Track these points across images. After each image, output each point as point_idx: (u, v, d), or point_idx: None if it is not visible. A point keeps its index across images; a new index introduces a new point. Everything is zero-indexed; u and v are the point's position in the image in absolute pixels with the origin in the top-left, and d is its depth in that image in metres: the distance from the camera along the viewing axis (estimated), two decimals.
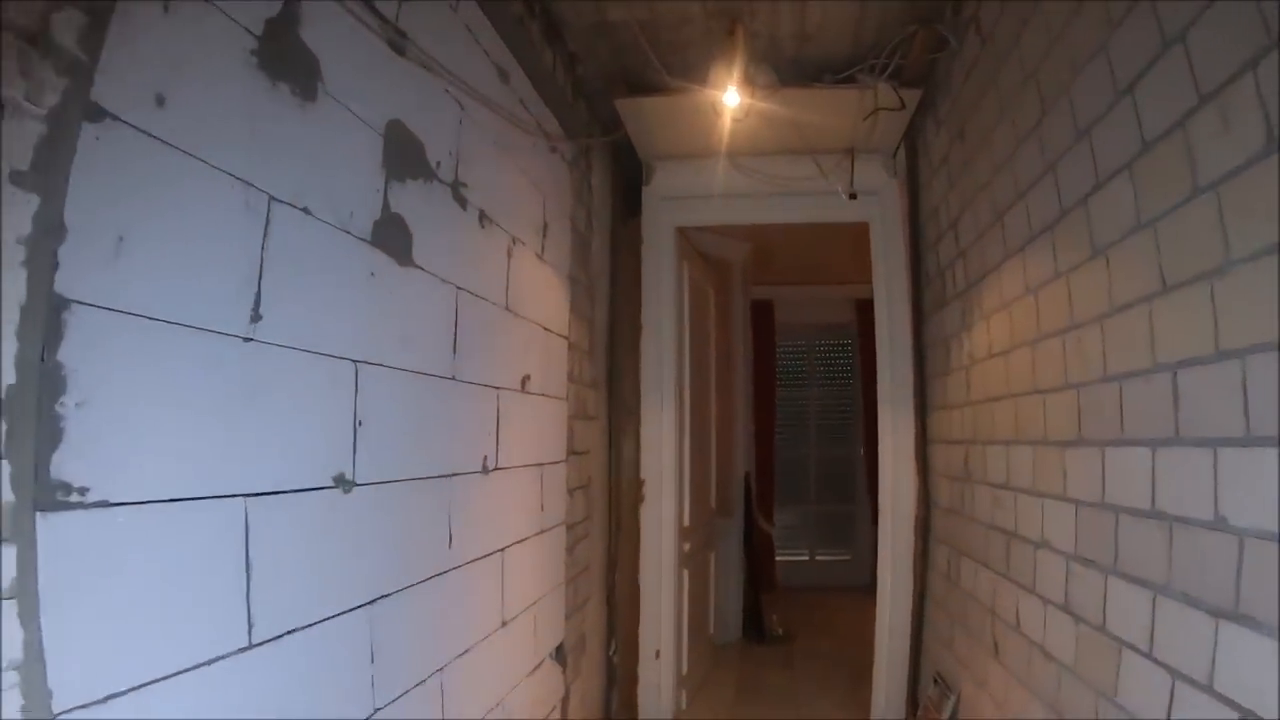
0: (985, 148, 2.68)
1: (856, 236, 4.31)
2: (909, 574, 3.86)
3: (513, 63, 2.68)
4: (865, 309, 7.80)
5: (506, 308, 2.54)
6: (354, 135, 1.71)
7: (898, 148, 3.99)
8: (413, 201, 1.94)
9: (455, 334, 2.16)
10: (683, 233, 4.46)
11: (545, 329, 2.94)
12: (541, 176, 2.92)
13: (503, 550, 2.50)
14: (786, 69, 3.40)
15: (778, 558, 7.21)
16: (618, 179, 4.30)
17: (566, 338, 3.23)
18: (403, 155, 1.91)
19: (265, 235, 1.40)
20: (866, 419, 7.27)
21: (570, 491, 3.29)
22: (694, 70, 3.33)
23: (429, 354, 2.02)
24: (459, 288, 2.18)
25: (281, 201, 1.45)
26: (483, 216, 2.36)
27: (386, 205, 1.82)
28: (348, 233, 1.66)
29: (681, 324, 4.38)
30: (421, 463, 1.98)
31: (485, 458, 2.35)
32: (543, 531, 2.91)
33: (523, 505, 2.72)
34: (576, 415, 3.39)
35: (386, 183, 1.83)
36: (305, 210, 1.52)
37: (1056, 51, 2.08)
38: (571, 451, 3.29)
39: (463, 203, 2.23)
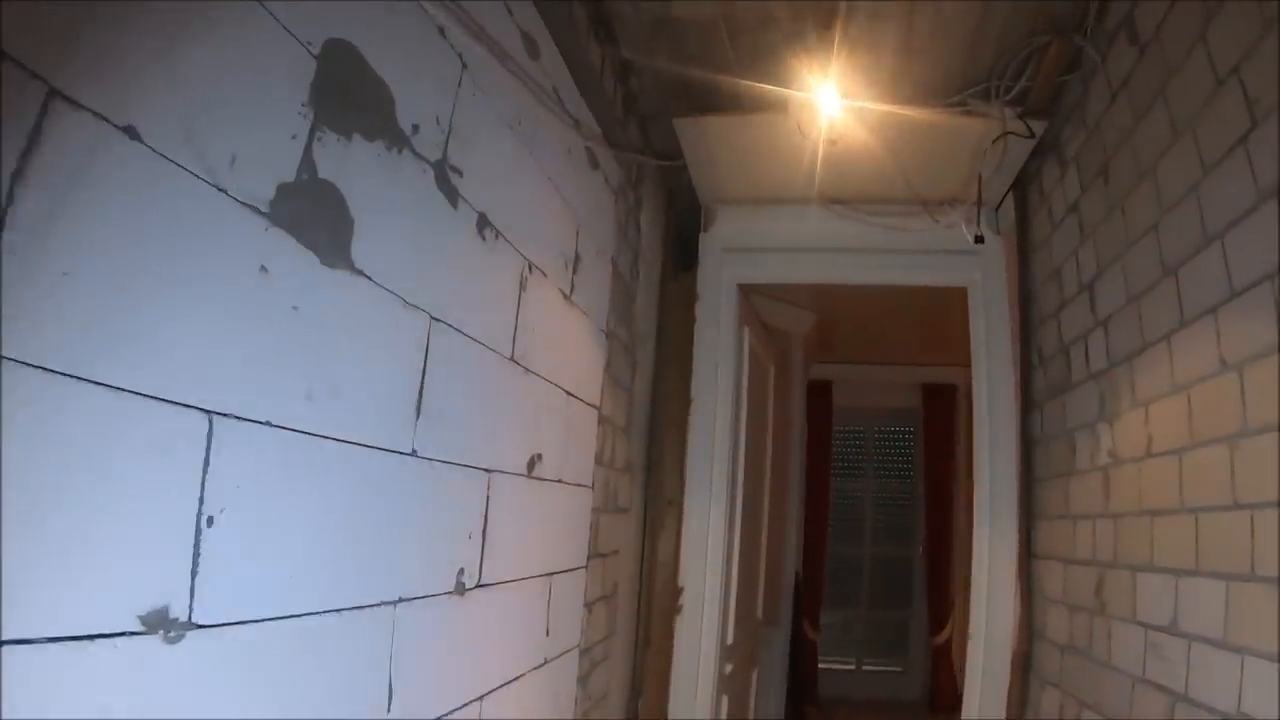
0: (1147, 184, 2.05)
1: (929, 311, 3.61)
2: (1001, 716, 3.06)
3: (546, 38, 2.01)
4: (933, 394, 7.28)
5: (512, 358, 1.81)
6: (257, 37, 1.02)
7: (1003, 198, 3.28)
8: (361, 171, 1.25)
9: (422, 387, 1.43)
10: (745, 293, 3.74)
11: (569, 394, 2.21)
12: (576, 193, 2.23)
13: (481, 699, 1.72)
14: (886, 89, 2.72)
15: (820, 665, 6.35)
16: (670, 224, 3.61)
17: (597, 408, 2.50)
18: (349, 97, 1.22)
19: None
20: (929, 516, 6.84)
21: (589, 605, 2.50)
22: (775, 83, 2.65)
23: (369, 414, 1.29)
24: (435, 318, 1.46)
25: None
26: (484, 223, 1.65)
27: (309, 164, 1.12)
28: (223, 192, 0.95)
29: (739, 401, 3.62)
30: (344, 586, 1.23)
31: (461, 571, 1.59)
32: (546, 662, 2.13)
33: (519, 632, 1.94)
34: (604, 508, 2.62)
35: (313, 128, 1.13)
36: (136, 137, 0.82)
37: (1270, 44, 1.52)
38: (595, 554, 2.53)
39: (452, 195, 1.52)
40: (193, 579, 0.93)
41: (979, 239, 2.79)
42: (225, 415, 0.96)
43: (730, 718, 3.71)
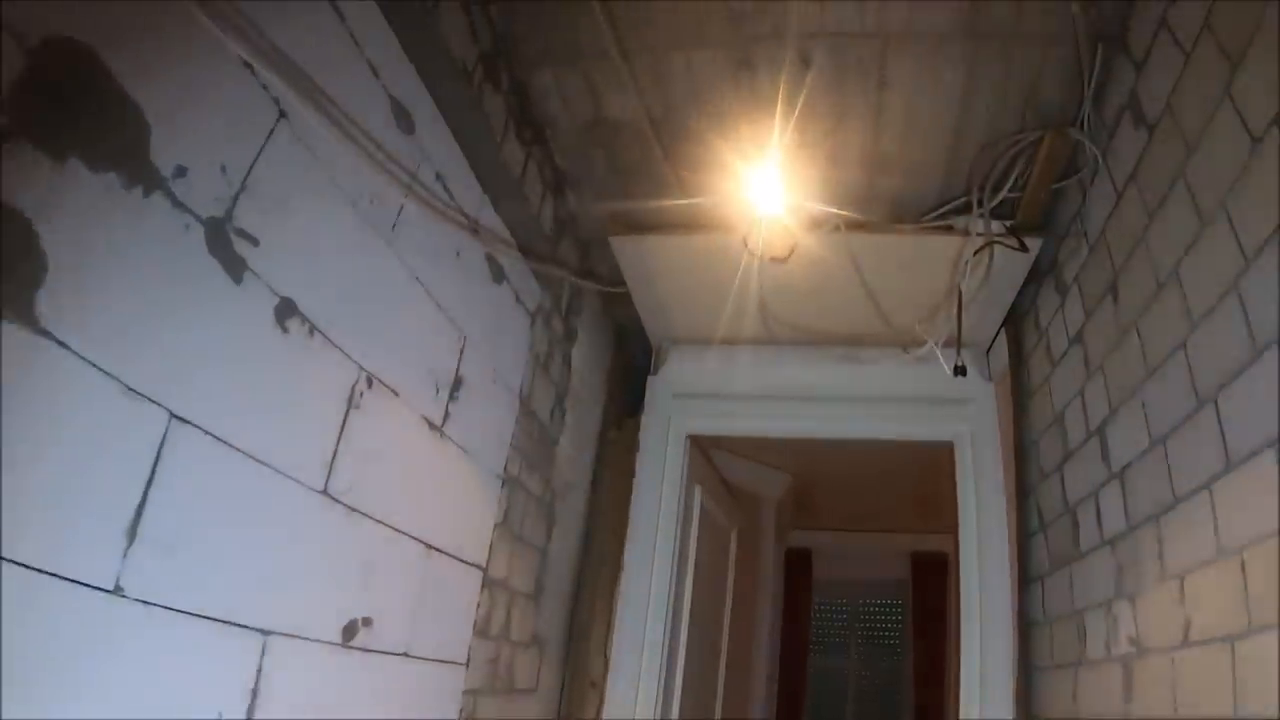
0: (1170, 292, 1.72)
1: (918, 470, 3.25)
2: None
3: (433, 115, 1.76)
4: (923, 564, 6.71)
5: (325, 491, 1.42)
6: None
7: (994, 338, 2.98)
8: (76, 207, 0.94)
9: (143, 503, 1.05)
10: (699, 446, 3.38)
11: (430, 548, 1.80)
12: (463, 305, 1.91)
13: None
14: (852, 203, 2.48)
15: None
16: (619, 364, 3.31)
17: (482, 569, 2.08)
18: (71, 111, 0.94)
19: None
20: (919, 698, 6.30)
21: None
22: (722, 197, 2.40)
23: (49, 528, 0.91)
24: (178, 417, 1.09)
25: None
26: (287, 311, 1.31)
27: None
28: None
29: (682, 569, 3.17)
30: None
31: None
32: None
33: None
34: (487, 689, 2.15)
35: None
36: None
37: None
38: None
39: (234, 265, 1.19)
40: None
41: (960, 370, 2.45)
42: None
43: None
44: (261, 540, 1.29)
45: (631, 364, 3.41)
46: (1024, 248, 2.33)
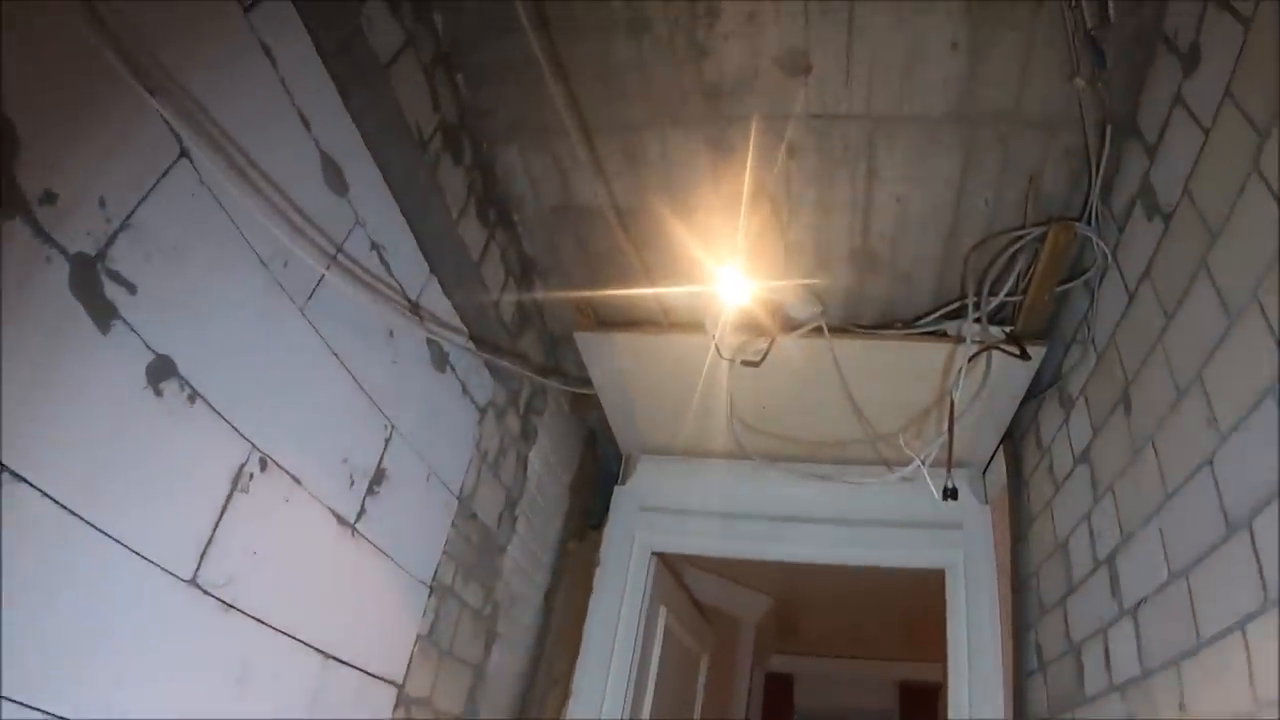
0: (1193, 401, 1.53)
1: (908, 597, 3.04)
2: None
3: (372, 178, 1.65)
4: (912, 695, 6.33)
5: (194, 581, 1.23)
6: None
7: (992, 457, 2.80)
8: None
9: None
10: (667, 564, 3.17)
11: (329, 658, 1.57)
12: (393, 391, 1.75)
13: None
14: (841, 306, 2.37)
15: None
16: (587, 471, 3.14)
17: (398, 686, 1.86)
18: None
19: None
20: None
21: None
22: (697, 296, 2.29)
23: None
24: (10, 470, 0.94)
25: None
26: (164, 372, 1.14)
27: None
28: None
29: (639, 695, 2.91)
30: None
31: None
32: None
33: None
34: None
35: None
36: None
37: None
38: None
39: (101, 311, 1.04)
40: None
41: (950, 493, 2.27)
42: None
43: None
44: (112, 631, 1.11)
45: (604, 472, 3.24)
46: (1025, 355, 2.17)
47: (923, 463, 2.31)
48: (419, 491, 1.88)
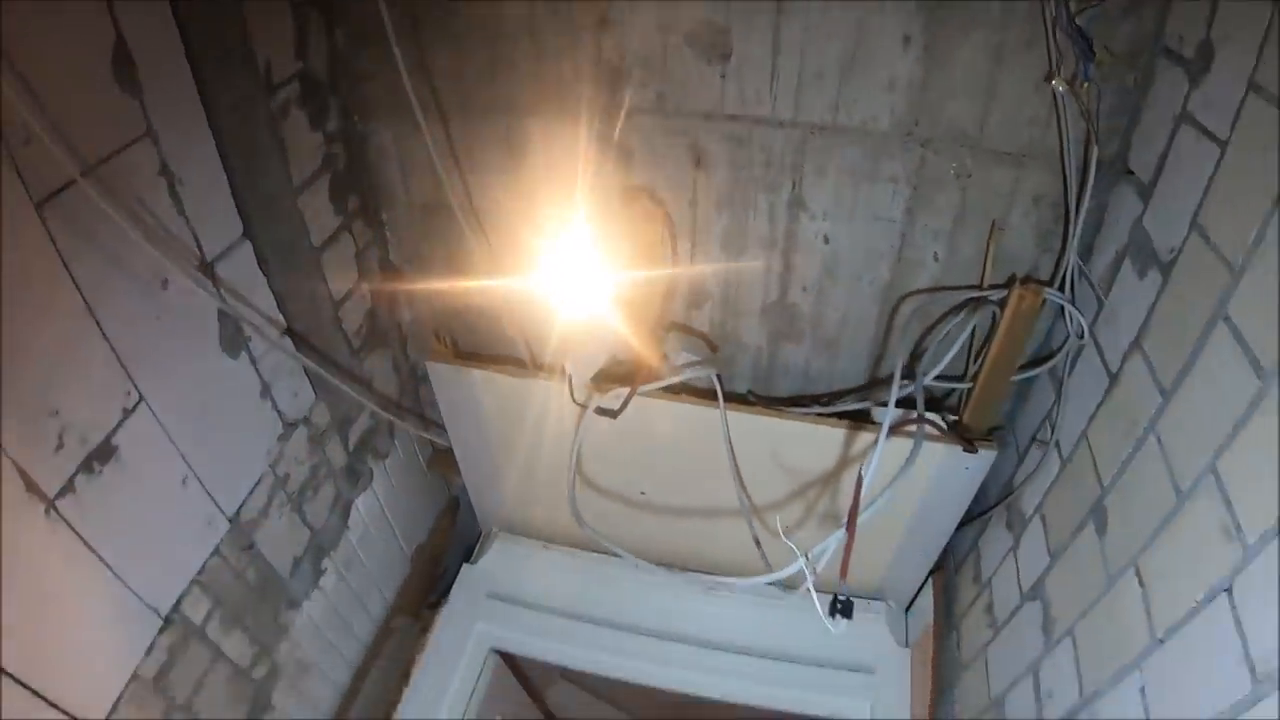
0: (1199, 505, 1.24)
1: None
2: None
3: (183, 88, 1.46)
4: None
5: None
6: None
7: (916, 595, 2.56)
8: None
9: None
10: (516, 668, 2.87)
11: None
12: (151, 357, 1.50)
13: None
14: (743, 377, 2.18)
15: None
16: (447, 545, 2.88)
17: None
18: None
19: None
20: None
21: None
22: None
23: None
24: None
25: None
26: None
27: None
28: None
29: None
30: None
31: None
32: None
33: None
34: None
35: None
36: None
37: None
38: None
39: None
40: None
41: (840, 608, 1.97)
42: None
43: None
44: None
45: (463, 548, 2.97)
46: (971, 448, 1.97)
47: (810, 567, 2.04)
48: (167, 492, 1.60)
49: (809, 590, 2.01)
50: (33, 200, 1.21)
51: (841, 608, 2.03)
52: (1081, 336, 1.75)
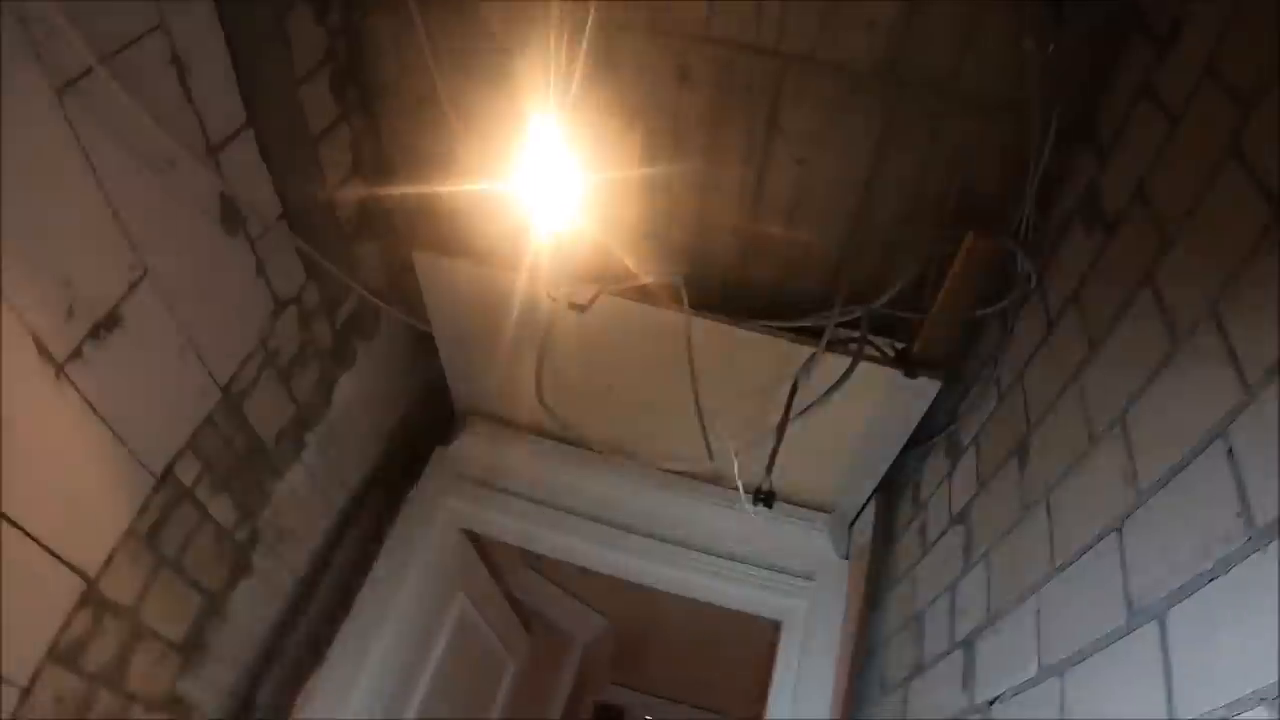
0: (1108, 448, 1.38)
1: (758, 652, 2.98)
2: None
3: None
4: None
5: None
6: None
7: (860, 511, 2.74)
8: None
9: None
10: (483, 551, 3.08)
11: None
12: (157, 232, 1.62)
13: None
14: (718, 290, 2.32)
15: None
16: (419, 427, 3.05)
17: (86, 577, 1.68)
18: None
19: None
20: None
21: None
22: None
23: None
24: None
25: None
26: None
27: None
28: None
29: (405, 694, 2.80)
30: None
31: None
32: None
33: None
34: None
35: None
36: None
37: None
38: None
39: None
40: None
41: (763, 498, 2.16)
42: None
43: None
44: None
45: (436, 431, 3.14)
46: (912, 374, 2.10)
47: (736, 455, 2.18)
48: (165, 361, 1.74)
49: (736, 478, 2.20)
50: (52, 87, 1.32)
51: (764, 498, 2.23)
52: (1029, 283, 1.86)
